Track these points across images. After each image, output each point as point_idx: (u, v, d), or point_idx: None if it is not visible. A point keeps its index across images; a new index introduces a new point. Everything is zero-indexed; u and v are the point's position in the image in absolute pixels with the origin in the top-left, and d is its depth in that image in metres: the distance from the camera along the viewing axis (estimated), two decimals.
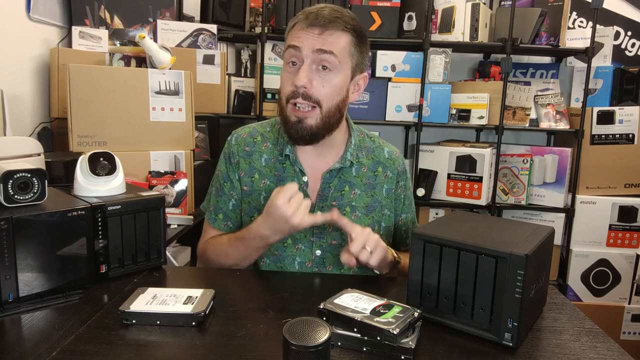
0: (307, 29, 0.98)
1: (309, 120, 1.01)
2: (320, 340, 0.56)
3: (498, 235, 0.79)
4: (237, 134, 1.16)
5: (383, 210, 1.14)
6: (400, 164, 1.19)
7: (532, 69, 2.53)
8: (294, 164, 1.09)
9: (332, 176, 1.10)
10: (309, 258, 1.08)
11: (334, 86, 1.01)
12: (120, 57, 1.78)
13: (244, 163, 1.12)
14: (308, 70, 0.99)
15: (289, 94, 1.01)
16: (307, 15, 0.99)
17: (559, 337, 0.77)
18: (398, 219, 1.19)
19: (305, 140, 1.03)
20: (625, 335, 2.32)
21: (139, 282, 0.94)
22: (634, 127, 2.24)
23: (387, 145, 1.20)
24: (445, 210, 2.38)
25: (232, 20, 2.29)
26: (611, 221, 2.29)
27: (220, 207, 1.14)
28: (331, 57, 0.98)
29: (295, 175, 1.09)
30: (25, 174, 0.85)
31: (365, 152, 1.15)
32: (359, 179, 1.12)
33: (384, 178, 1.15)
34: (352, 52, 1.02)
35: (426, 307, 0.80)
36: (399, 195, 1.18)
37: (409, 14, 2.21)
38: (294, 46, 1.00)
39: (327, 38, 0.98)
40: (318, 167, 1.10)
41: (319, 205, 1.09)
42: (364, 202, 1.12)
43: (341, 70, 1.01)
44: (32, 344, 0.70)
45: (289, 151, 1.08)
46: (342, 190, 1.10)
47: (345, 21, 1.00)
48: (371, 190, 1.13)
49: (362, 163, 1.13)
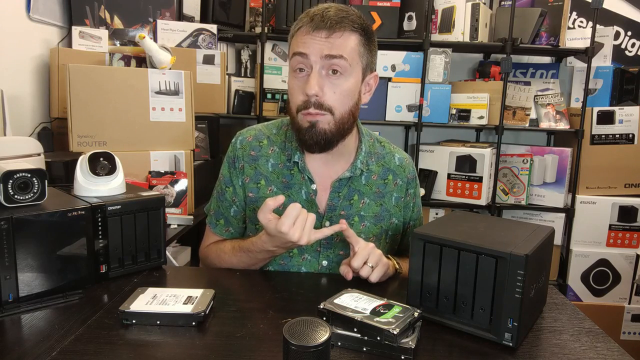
0: (313, 33, 0.93)
1: (322, 125, 0.96)
2: (320, 340, 0.56)
3: (498, 235, 0.79)
4: (242, 137, 1.11)
5: (391, 219, 1.11)
6: (411, 171, 1.15)
7: (532, 69, 2.53)
8: (302, 171, 1.05)
9: (341, 185, 1.06)
10: (315, 268, 1.06)
11: (345, 90, 0.96)
12: (120, 57, 1.78)
13: (249, 168, 1.08)
14: (318, 77, 0.94)
15: (300, 104, 0.96)
16: (312, 17, 0.93)
17: (559, 337, 0.77)
18: (406, 226, 1.16)
19: (320, 145, 0.98)
20: (625, 335, 2.32)
21: (139, 282, 0.94)
22: (634, 127, 2.24)
23: (397, 152, 1.16)
24: (445, 210, 2.38)
25: (232, 20, 2.29)
26: (611, 221, 2.29)
27: (222, 212, 1.12)
28: (342, 62, 0.93)
29: (303, 183, 1.05)
30: (25, 174, 0.85)
31: (375, 159, 1.11)
32: (368, 187, 1.08)
33: (394, 186, 1.11)
34: (361, 52, 0.97)
35: (426, 307, 0.80)
36: (408, 203, 1.14)
37: (409, 14, 2.21)
38: (300, 53, 0.94)
39: (335, 41, 0.93)
40: (327, 175, 1.06)
41: (328, 214, 1.05)
42: (373, 211, 1.08)
43: (352, 73, 0.96)
44: (32, 344, 0.70)
45: (297, 158, 1.04)
46: (351, 200, 1.07)
47: (353, 20, 0.95)
48: (380, 199, 1.09)
49: (372, 171, 1.10)
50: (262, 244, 0.96)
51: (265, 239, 0.95)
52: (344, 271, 0.93)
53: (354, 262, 0.92)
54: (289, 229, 0.87)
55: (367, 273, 0.92)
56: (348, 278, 0.93)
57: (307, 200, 1.05)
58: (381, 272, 0.94)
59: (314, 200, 1.05)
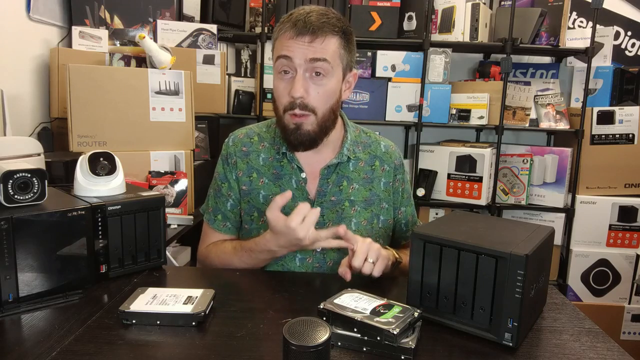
0: (297, 38, 0.97)
1: (306, 126, 1.02)
2: (320, 340, 0.56)
3: (498, 235, 0.79)
4: (233, 136, 1.17)
5: (381, 203, 1.15)
6: (397, 157, 1.19)
7: (532, 69, 2.53)
8: (291, 161, 1.10)
9: (330, 172, 1.10)
10: (310, 254, 1.09)
11: (328, 91, 1.02)
12: (120, 57, 1.78)
13: (241, 163, 1.13)
14: (302, 80, 0.99)
15: (286, 105, 1.02)
16: (295, 22, 0.98)
17: (559, 337, 0.77)
18: (397, 212, 1.20)
19: (305, 145, 1.04)
20: (625, 335, 2.32)
21: (139, 282, 0.94)
22: (634, 127, 2.24)
23: (383, 140, 1.21)
24: (445, 210, 2.38)
25: (232, 20, 2.28)
26: (611, 221, 2.29)
27: (219, 208, 1.15)
28: (324, 64, 0.99)
29: (293, 172, 1.10)
30: (25, 174, 0.85)
31: (362, 147, 1.16)
32: (356, 173, 1.13)
33: (382, 172, 1.16)
34: (342, 54, 1.02)
35: (426, 307, 0.80)
36: (397, 189, 1.18)
37: (409, 14, 2.21)
38: (285, 56, 0.99)
39: (317, 46, 0.98)
40: (316, 164, 1.11)
41: (318, 201, 1.09)
42: (363, 196, 1.13)
43: (334, 74, 1.02)
44: (32, 344, 0.70)
45: (286, 149, 1.09)
46: (340, 186, 1.11)
47: (333, 24, 0.99)
48: (369, 184, 1.14)
49: (359, 158, 1.14)
50: (265, 242, 0.99)
51: (270, 237, 0.97)
52: (342, 272, 0.93)
53: (354, 261, 0.93)
54: (297, 224, 0.92)
55: (369, 269, 0.93)
56: (347, 279, 0.93)
57: (298, 188, 1.09)
58: (383, 265, 0.95)
59: (304, 188, 1.09)
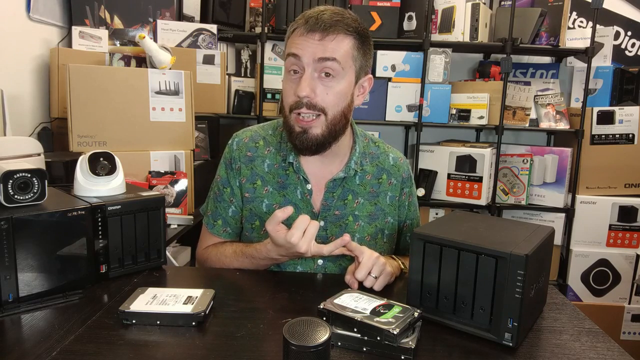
0: (307, 35, 0.94)
1: (314, 130, 0.98)
2: (320, 340, 0.56)
3: (498, 235, 0.79)
4: (238, 138, 1.12)
5: (386, 218, 1.12)
6: (405, 170, 1.16)
7: (532, 69, 2.53)
8: (297, 172, 1.06)
9: (335, 185, 1.07)
10: (311, 267, 1.07)
11: (338, 93, 0.97)
12: (120, 57, 1.78)
13: (245, 169, 1.09)
14: (310, 79, 0.95)
15: (292, 104, 0.98)
16: (307, 19, 0.95)
17: (559, 337, 0.77)
18: (403, 225, 1.17)
19: (312, 150, 1.00)
20: (625, 335, 2.32)
21: (139, 282, 0.94)
22: (634, 127, 2.24)
23: (392, 151, 1.17)
24: (445, 210, 2.38)
25: (232, 20, 2.29)
26: (611, 221, 2.29)
27: (220, 213, 1.12)
28: (334, 64, 0.95)
29: (299, 183, 1.07)
30: (25, 174, 0.85)
31: (370, 159, 1.12)
32: (362, 187, 1.10)
33: (388, 185, 1.13)
34: (355, 56, 0.98)
35: (426, 307, 0.80)
36: (403, 202, 1.15)
37: (409, 14, 2.21)
38: (294, 54, 0.96)
39: (328, 44, 0.94)
40: (322, 176, 1.08)
41: (322, 214, 1.06)
42: (367, 210, 1.09)
43: (345, 76, 0.97)
44: (32, 344, 0.70)
45: (292, 159, 1.06)
46: (345, 200, 1.08)
47: (347, 24, 0.95)
48: (375, 198, 1.10)
49: (366, 171, 1.11)
50: (267, 252, 0.98)
51: (271, 247, 0.96)
52: (349, 281, 0.93)
53: (357, 274, 0.92)
54: (298, 240, 0.90)
55: (371, 283, 0.92)
56: (354, 288, 0.92)
57: (302, 200, 1.07)
58: (385, 282, 0.94)
59: (308, 200, 1.06)
